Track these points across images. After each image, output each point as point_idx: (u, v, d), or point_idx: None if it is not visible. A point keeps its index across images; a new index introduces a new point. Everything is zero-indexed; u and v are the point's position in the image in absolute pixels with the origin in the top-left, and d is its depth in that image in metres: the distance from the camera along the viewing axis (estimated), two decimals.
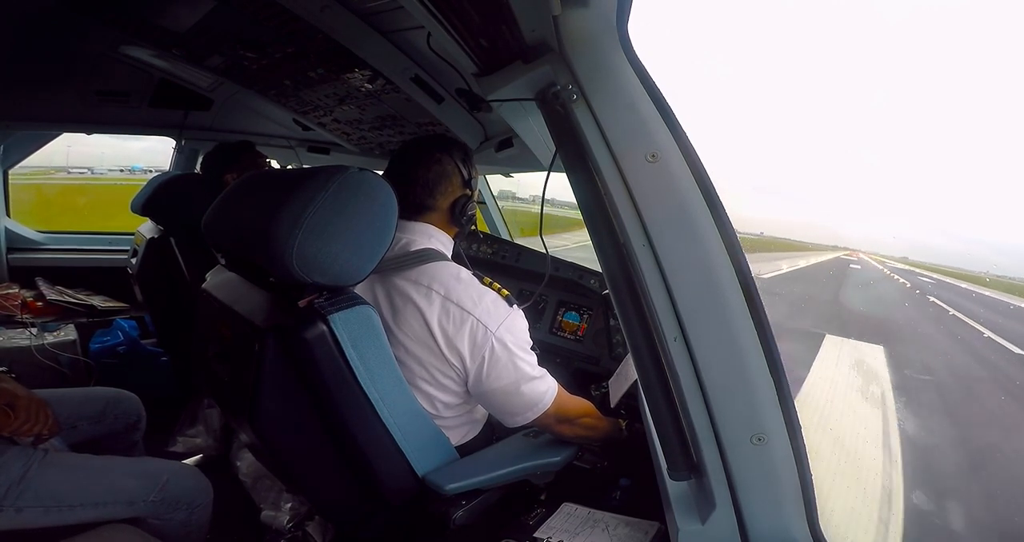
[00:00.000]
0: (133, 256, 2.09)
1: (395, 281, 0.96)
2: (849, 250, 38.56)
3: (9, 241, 2.44)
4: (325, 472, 0.96)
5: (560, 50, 0.71)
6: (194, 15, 1.34)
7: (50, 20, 1.55)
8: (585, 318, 1.81)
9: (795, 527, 0.75)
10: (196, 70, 1.79)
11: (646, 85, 0.71)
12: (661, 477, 0.85)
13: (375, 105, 1.66)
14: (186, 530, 1.12)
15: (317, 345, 0.82)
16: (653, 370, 0.76)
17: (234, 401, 0.94)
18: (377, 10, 1.18)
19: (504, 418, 1.00)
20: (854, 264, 23.94)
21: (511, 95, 0.84)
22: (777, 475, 0.73)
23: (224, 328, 0.96)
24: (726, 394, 0.71)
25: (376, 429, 0.90)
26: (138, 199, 1.93)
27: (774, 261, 18.70)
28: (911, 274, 20.56)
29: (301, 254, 0.77)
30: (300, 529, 1.25)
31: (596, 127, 0.72)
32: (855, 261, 26.51)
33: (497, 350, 0.92)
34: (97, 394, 1.37)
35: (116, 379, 1.65)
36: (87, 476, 1.04)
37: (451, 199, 1.05)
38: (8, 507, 0.95)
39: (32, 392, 1.07)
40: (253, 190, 0.94)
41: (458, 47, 0.79)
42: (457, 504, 0.94)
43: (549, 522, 0.93)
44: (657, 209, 0.71)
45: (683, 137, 0.71)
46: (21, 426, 1.01)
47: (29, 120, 2.26)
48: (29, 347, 1.88)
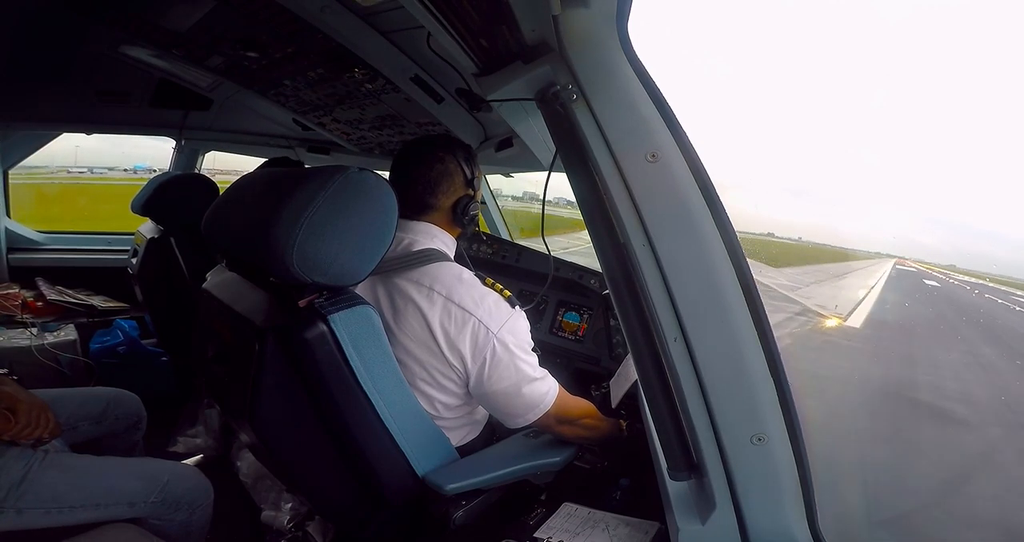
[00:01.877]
0: (133, 256, 2.10)
1: (396, 281, 0.96)
2: (898, 258, 34.95)
3: (9, 241, 2.44)
4: (325, 472, 0.96)
5: (560, 50, 0.71)
6: (194, 15, 1.34)
7: (50, 20, 1.55)
8: (585, 318, 1.81)
9: (795, 527, 0.75)
10: (196, 70, 1.79)
11: (646, 85, 0.71)
12: (661, 477, 0.85)
13: (375, 105, 1.66)
14: (187, 530, 1.12)
15: (317, 345, 0.82)
16: (653, 370, 0.76)
17: (234, 401, 0.94)
18: (377, 10, 1.18)
19: (505, 419, 1.00)
20: (928, 280, 20.52)
21: (511, 95, 0.84)
22: (777, 475, 0.73)
23: (224, 328, 0.95)
24: (726, 394, 0.71)
25: (376, 429, 0.90)
26: (138, 199, 1.94)
27: (839, 279, 16.37)
28: (987, 289, 17.94)
29: (301, 254, 0.77)
30: (300, 529, 1.25)
31: (596, 127, 0.72)
32: (925, 274, 23.08)
33: (499, 351, 0.92)
34: (97, 394, 1.37)
35: (116, 379, 1.66)
36: (87, 477, 1.04)
37: (453, 198, 1.05)
38: (9, 508, 0.95)
39: (33, 395, 1.07)
40: (253, 190, 0.94)
41: (458, 47, 0.79)
42: (457, 504, 0.94)
43: (549, 522, 0.92)
44: (657, 209, 0.71)
45: (683, 137, 0.71)
46: (22, 430, 1.01)
47: (29, 120, 2.26)
48: (29, 347, 1.88)
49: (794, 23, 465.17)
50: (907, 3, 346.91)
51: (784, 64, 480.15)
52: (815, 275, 16.44)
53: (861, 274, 19.70)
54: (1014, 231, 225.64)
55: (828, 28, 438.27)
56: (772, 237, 19.04)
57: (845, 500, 2.29)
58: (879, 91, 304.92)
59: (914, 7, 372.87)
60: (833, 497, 2.04)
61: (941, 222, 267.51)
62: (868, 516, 2.30)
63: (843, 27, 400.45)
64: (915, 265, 29.50)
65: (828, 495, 0.97)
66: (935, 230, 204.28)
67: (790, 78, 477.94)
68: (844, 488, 2.41)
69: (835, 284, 15.08)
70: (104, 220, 3.77)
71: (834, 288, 13.98)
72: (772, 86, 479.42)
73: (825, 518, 0.77)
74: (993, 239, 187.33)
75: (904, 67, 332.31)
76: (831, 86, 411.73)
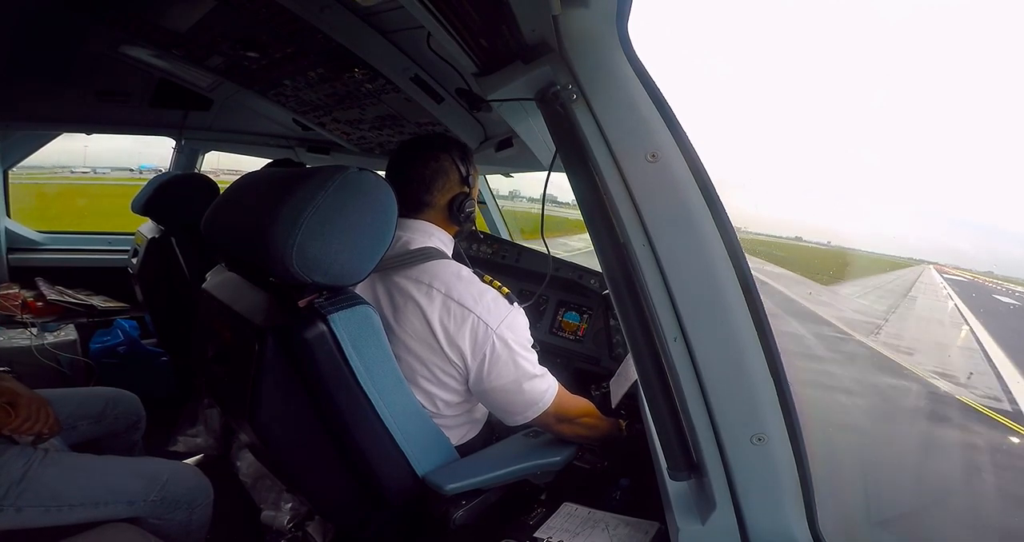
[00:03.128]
0: (133, 256, 2.10)
1: (396, 279, 0.96)
2: (934, 263, 28.76)
3: (9, 241, 2.44)
4: (325, 472, 0.96)
5: (560, 50, 0.71)
6: (194, 15, 1.34)
7: (50, 20, 1.55)
8: (585, 318, 1.81)
9: (795, 527, 0.75)
10: (196, 70, 1.79)
11: (646, 85, 0.71)
12: (661, 477, 0.85)
13: (375, 105, 1.66)
14: (186, 530, 1.12)
15: (317, 345, 0.82)
16: (653, 370, 0.76)
17: (234, 401, 0.94)
18: (377, 10, 1.18)
19: (504, 417, 1.00)
20: (998, 296, 17.39)
21: (511, 95, 0.84)
22: (777, 475, 0.73)
23: (224, 328, 0.96)
24: (726, 394, 0.71)
25: (376, 429, 0.90)
26: (139, 199, 1.94)
27: (911, 301, 12.90)
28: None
29: (301, 254, 0.77)
30: (300, 529, 1.25)
31: (596, 127, 0.72)
32: (986, 286, 19.54)
33: (498, 348, 0.93)
34: (97, 394, 1.37)
35: (116, 379, 1.66)
36: (87, 475, 1.04)
37: (449, 196, 1.05)
38: (8, 506, 0.95)
39: (34, 391, 1.07)
40: (253, 190, 0.94)
41: (458, 47, 0.79)
42: (457, 504, 0.94)
43: (549, 522, 0.92)
44: (657, 209, 0.71)
45: (683, 137, 0.71)
46: (22, 424, 1.01)
47: (29, 120, 2.26)
48: (29, 347, 1.88)
49: (794, 23, 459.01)
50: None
51: (784, 64, 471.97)
52: (878, 296, 13.18)
53: (926, 292, 16.02)
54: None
55: (827, 28, 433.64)
56: (801, 241, 17.66)
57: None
58: (890, 90, 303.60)
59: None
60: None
61: (972, 224, 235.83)
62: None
63: (848, 27, 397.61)
64: (957, 273, 25.44)
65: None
66: (967, 233, 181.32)
67: (797, 77, 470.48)
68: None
69: (914, 312, 11.18)
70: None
71: (922, 323, 9.97)
72: (783, 84, 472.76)
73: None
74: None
75: (911, 66, 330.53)
76: (833, 86, 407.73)
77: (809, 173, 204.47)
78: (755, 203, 33.47)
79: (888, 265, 26.77)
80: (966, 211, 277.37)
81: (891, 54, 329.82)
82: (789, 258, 13.95)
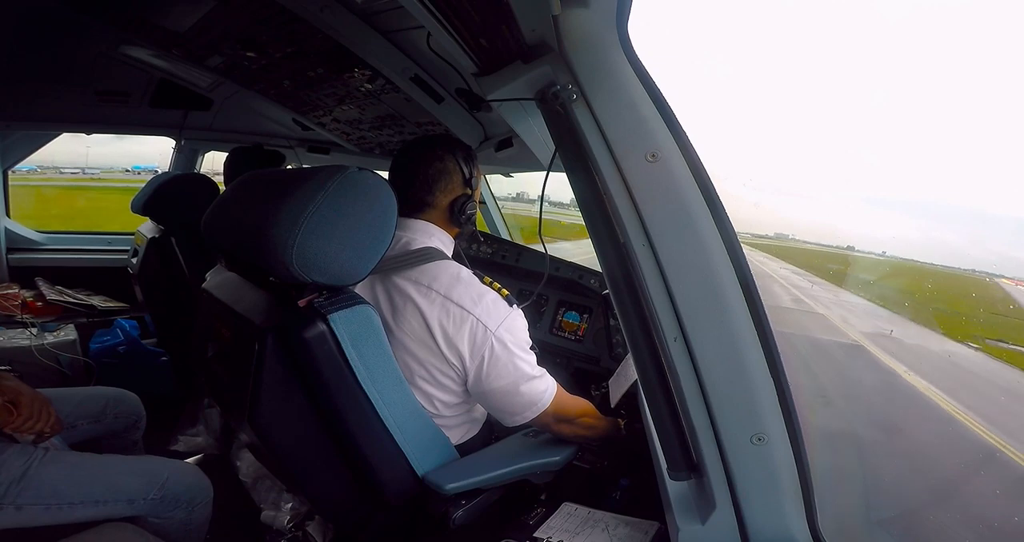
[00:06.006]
0: (133, 256, 2.10)
1: (395, 280, 0.96)
2: (1008, 278, 24.93)
3: (9, 241, 2.44)
4: (325, 472, 0.96)
5: (560, 50, 0.71)
6: (194, 15, 1.34)
7: (50, 19, 1.55)
8: (585, 318, 1.81)
9: (795, 527, 0.75)
10: (196, 70, 1.79)
11: (646, 85, 0.71)
12: (661, 477, 0.85)
13: (375, 105, 1.66)
14: (186, 529, 1.12)
15: (317, 345, 0.82)
16: (653, 370, 0.76)
17: (234, 401, 0.94)
18: (377, 10, 1.18)
19: (503, 417, 1.00)
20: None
21: (511, 95, 0.85)
22: (777, 475, 0.73)
23: (224, 328, 0.96)
24: (726, 394, 0.71)
25: (376, 429, 0.90)
26: (139, 199, 1.94)
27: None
28: None
29: (301, 254, 0.77)
30: (300, 529, 1.24)
31: (596, 127, 0.72)
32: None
33: (497, 349, 0.93)
34: (97, 393, 1.37)
35: (116, 379, 1.65)
36: (87, 474, 1.04)
37: (451, 197, 1.05)
38: (8, 505, 0.95)
39: (36, 390, 1.07)
40: (253, 190, 0.94)
41: (458, 47, 0.79)
42: (457, 504, 0.94)
43: (549, 522, 0.93)
44: (657, 209, 0.71)
45: (683, 137, 0.71)
46: (24, 423, 1.01)
47: (29, 120, 2.26)
48: (29, 347, 1.88)
49: (794, 23, 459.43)
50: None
51: (787, 64, 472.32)
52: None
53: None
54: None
55: (828, 29, 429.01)
56: (852, 251, 15.23)
57: None
58: (906, 89, 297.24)
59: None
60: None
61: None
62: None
63: (849, 27, 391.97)
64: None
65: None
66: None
67: (812, 77, 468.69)
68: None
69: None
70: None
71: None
72: (787, 84, 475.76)
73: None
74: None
75: (921, 64, 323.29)
76: (839, 85, 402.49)
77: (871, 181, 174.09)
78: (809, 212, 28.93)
79: (986, 285, 22.26)
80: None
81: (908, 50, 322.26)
82: (840, 272, 11.38)
